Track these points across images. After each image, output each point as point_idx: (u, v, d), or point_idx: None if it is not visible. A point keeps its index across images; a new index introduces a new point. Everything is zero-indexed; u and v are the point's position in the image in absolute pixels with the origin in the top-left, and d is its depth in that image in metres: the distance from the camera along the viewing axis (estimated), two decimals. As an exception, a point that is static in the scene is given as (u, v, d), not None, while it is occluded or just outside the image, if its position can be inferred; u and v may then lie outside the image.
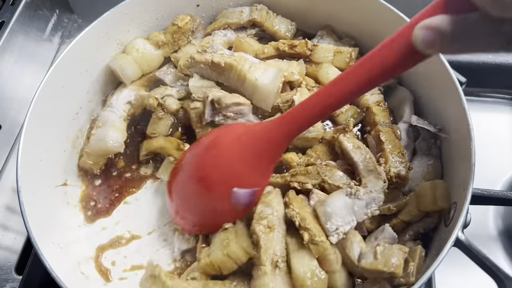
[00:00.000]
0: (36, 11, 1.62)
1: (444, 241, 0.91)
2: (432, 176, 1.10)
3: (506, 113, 1.54)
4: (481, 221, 1.35)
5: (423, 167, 1.12)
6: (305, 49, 1.23)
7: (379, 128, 1.13)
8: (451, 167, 1.10)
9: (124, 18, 1.25)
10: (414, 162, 1.13)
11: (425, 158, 1.13)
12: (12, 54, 1.51)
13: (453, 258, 0.97)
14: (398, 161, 1.07)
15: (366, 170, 1.00)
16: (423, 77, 1.18)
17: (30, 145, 1.05)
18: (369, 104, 1.18)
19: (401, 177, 1.05)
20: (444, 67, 1.08)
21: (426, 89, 1.19)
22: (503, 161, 1.44)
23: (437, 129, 1.13)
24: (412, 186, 1.09)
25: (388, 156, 1.07)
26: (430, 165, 1.12)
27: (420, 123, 1.14)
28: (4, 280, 1.29)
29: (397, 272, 0.88)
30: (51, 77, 1.12)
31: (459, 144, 1.05)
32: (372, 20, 1.22)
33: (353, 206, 0.95)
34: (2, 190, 1.45)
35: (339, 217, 0.94)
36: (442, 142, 1.14)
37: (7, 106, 1.49)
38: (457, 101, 1.04)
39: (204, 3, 1.33)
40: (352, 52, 1.24)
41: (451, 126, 1.10)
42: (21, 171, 1.00)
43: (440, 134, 1.12)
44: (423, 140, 1.16)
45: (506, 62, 1.48)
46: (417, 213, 1.04)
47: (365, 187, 0.98)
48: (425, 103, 1.21)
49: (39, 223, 0.99)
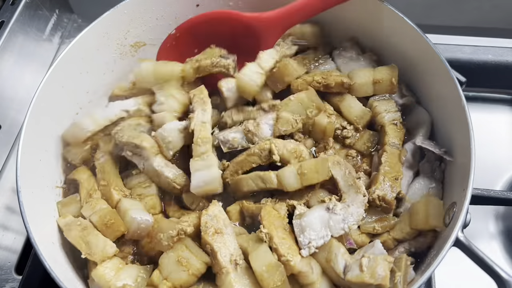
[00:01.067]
0: (36, 11, 1.62)
1: (444, 241, 0.91)
2: None
3: (506, 113, 1.54)
4: (481, 221, 1.35)
5: (423, 189, 1.09)
6: (342, 88, 1.17)
7: (386, 148, 1.10)
8: (451, 167, 1.10)
9: (124, 18, 1.25)
10: (415, 184, 1.11)
11: (427, 181, 1.10)
12: (12, 54, 1.51)
13: (453, 258, 0.98)
14: (388, 184, 1.04)
15: (346, 185, 1.02)
16: (423, 77, 1.18)
17: (30, 145, 1.05)
18: (384, 122, 1.15)
19: (386, 201, 1.03)
20: (444, 67, 1.08)
21: (426, 89, 1.19)
22: (503, 161, 1.44)
23: (442, 152, 1.09)
24: (408, 207, 1.07)
25: (379, 178, 1.05)
26: (431, 188, 1.09)
27: (425, 145, 1.11)
28: (4, 280, 1.29)
29: (384, 283, 0.88)
30: (51, 77, 1.12)
31: (459, 144, 1.05)
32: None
33: (328, 221, 0.97)
34: (2, 190, 1.45)
35: (313, 231, 0.96)
36: (447, 166, 1.11)
37: (7, 106, 1.50)
38: (457, 101, 1.04)
39: (204, 3, 1.33)
40: (392, 78, 1.15)
41: (451, 125, 1.10)
42: (21, 171, 1.00)
43: (445, 157, 1.08)
44: (428, 162, 1.13)
45: (506, 62, 1.48)
46: (409, 231, 1.03)
47: (343, 201, 1.00)
48: (425, 103, 1.21)
49: (39, 223, 0.99)
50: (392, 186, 1.04)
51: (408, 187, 1.10)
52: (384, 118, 1.15)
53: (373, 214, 1.05)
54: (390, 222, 1.04)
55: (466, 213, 0.92)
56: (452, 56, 1.47)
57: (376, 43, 1.27)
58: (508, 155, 1.46)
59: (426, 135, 1.16)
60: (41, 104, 1.09)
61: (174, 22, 1.29)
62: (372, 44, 1.29)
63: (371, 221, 1.05)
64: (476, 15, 1.75)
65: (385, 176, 1.06)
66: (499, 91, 1.57)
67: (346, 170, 1.02)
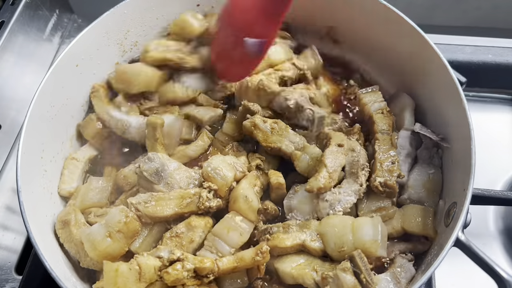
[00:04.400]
0: (36, 11, 1.62)
1: (444, 241, 0.91)
2: (432, 186, 1.10)
3: (506, 113, 1.54)
4: (481, 221, 1.35)
5: (424, 176, 1.11)
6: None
7: (377, 136, 1.13)
8: (451, 166, 1.10)
9: (124, 18, 1.25)
10: (414, 170, 1.12)
11: (426, 167, 1.12)
12: (12, 54, 1.51)
13: (453, 258, 0.98)
14: (387, 169, 1.06)
15: (349, 172, 1.06)
16: (423, 78, 1.18)
17: (30, 145, 1.05)
18: (371, 113, 1.18)
19: (388, 186, 1.03)
20: (444, 67, 1.08)
21: (427, 89, 1.19)
22: (503, 161, 1.44)
23: (439, 138, 1.11)
24: (411, 194, 1.09)
25: (377, 165, 1.07)
26: (431, 174, 1.11)
27: (423, 131, 1.13)
28: (4, 280, 1.29)
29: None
30: (51, 77, 1.11)
31: (459, 144, 1.05)
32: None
33: (316, 205, 1.02)
34: (2, 190, 1.45)
35: (300, 213, 1.04)
36: (444, 151, 1.13)
37: (7, 106, 1.49)
38: (457, 101, 1.04)
39: (204, 3, 1.33)
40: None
41: (451, 126, 1.10)
42: (21, 171, 1.00)
43: (442, 143, 1.11)
44: (425, 149, 1.15)
45: (506, 62, 1.48)
46: (400, 230, 1.04)
47: (339, 187, 1.03)
48: (426, 103, 1.21)
49: (39, 223, 0.99)
50: (390, 171, 1.06)
51: (408, 174, 1.12)
52: (370, 108, 1.19)
53: (376, 202, 1.06)
54: (388, 212, 1.04)
55: (467, 213, 0.92)
56: (452, 56, 1.46)
57: (376, 43, 1.27)
58: (508, 155, 1.45)
59: (412, 118, 1.19)
60: (41, 104, 1.09)
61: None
62: (372, 44, 1.29)
63: (371, 210, 1.05)
64: (476, 15, 1.75)
65: (382, 162, 1.07)
66: (499, 91, 1.57)
67: (355, 158, 1.05)
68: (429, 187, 1.10)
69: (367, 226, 0.94)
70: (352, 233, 0.95)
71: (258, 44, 1.10)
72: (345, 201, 1.01)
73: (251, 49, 1.10)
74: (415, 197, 1.09)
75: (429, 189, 1.09)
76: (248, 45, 1.09)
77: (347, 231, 0.95)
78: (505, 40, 1.57)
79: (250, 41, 1.09)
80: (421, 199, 1.09)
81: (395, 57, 1.23)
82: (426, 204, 1.08)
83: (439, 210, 1.05)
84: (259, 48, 1.11)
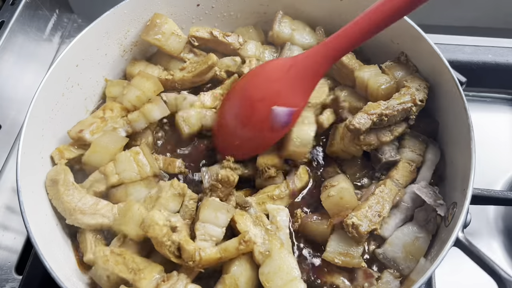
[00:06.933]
0: (36, 11, 1.62)
1: (444, 241, 0.91)
2: (413, 250, 1.02)
3: (506, 113, 1.55)
4: (481, 221, 1.35)
5: (409, 237, 1.03)
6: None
7: (387, 182, 1.06)
8: (451, 166, 1.10)
9: (124, 18, 1.25)
10: (403, 228, 1.04)
11: (417, 230, 1.04)
12: (12, 54, 1.51)
13: (453, 258, 0.98)
14: (368, 218, 0.99)
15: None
16: (423, 77, 1.18)
17: (30, 145, 1.05)
18: (401, 158, 1.11)
19: (358, 232, 0.97)
20: (445, 67, 1.08)
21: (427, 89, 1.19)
22: (503, 161, 1.44)
23: (437, 204, 1.04)
24: (387, 250, 1.02)
25: (363, 207, 1.00)
26: (418, 238, 1.03)
27: (420, 192, 1.05)
28: (4, 280, 1.29)
29: None
30: (51, 77, 1.11)
31: (459, 144, 1.05)
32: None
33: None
34: (2, 190, 1.45)
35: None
36: (441, 221, 1.05)
37: (7, 106, 1.50)
38: (457, 101, 1.04)
39: (204, 3, 1.33)
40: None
41: (452, 125, 1.10)
42: (21, 171, 1.00)
43: (437, 210, 1.03)
44: (424, 210, 1.06)
45: (506, 62, 1.48)
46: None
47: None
48: (426, 103, 1.20)
49: (39, 223, 0.99)
50: (370, 221, 0.99)
51: (394, 229, 1.05)
52: (404, 153, 1.12)
53: (345, 244, 1.01)
54: (352, 260, 0.99)
55: (467, 213, 0.92)
56: (452, 56, 1.47)
57: (376, 43, 1.27)
58: (508, 155, 1.45)
59: (428, 174, 1.11)
60: (41, 104, 1.09)
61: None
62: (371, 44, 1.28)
63: (337, 251, 1.00)
64: (476, 15, 1.75)
65: (370, 208, 1.01)
66: (499, 91, 1.57)
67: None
68: (409, 250, 1.02)
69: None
70: None
71: (287, 113, 1.02)
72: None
73: (278, 119, 1.01)
74: (389, 255, 1.02)
75: (408, 253, 1.01)
76: (276, 114, 1.01)
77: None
78: (505, 40, 1.57)
79: (277, 109, 1.01)
80: (396, 260, 1.02)
81: (394, 57, 1.23)
82: (401, 267, 1.01)
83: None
84: (288, 117, 1.02)
